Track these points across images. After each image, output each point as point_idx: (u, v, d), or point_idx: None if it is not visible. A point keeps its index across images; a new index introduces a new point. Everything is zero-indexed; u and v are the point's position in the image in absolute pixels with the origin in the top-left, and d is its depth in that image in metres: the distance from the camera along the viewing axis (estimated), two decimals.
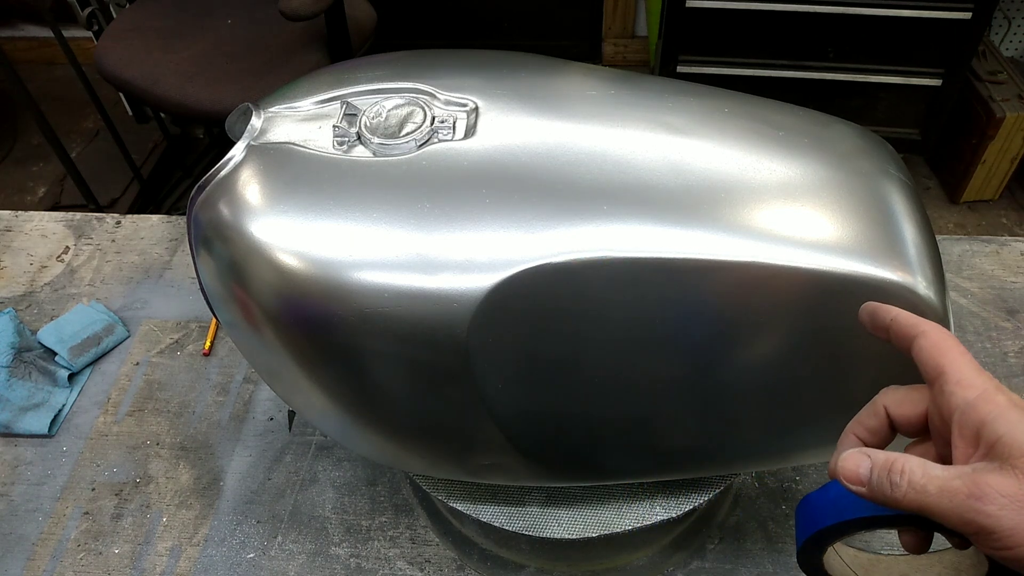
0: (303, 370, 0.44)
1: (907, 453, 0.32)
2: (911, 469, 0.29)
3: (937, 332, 0.33)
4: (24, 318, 0.78)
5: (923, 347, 0.33)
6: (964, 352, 0.32)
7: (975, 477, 0.28)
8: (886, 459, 0.30)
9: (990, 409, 0.29)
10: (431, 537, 0.62)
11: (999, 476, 0.27)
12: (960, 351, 0.32)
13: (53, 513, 0.64)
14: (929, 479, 0.29)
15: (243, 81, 1.41)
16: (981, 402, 0.30)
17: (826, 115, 0.49)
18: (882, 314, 0.36)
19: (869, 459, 0.30)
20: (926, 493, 0.29)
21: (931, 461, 0.30)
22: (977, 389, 0.30)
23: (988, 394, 0.30)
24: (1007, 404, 0.29)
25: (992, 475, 0.28)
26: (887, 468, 0.30)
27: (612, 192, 0.41)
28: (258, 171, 0.42)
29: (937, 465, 0.29)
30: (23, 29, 2.43)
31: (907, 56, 1.77)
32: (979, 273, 0.80)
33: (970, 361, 0.32)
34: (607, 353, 0.42)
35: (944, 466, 0.29)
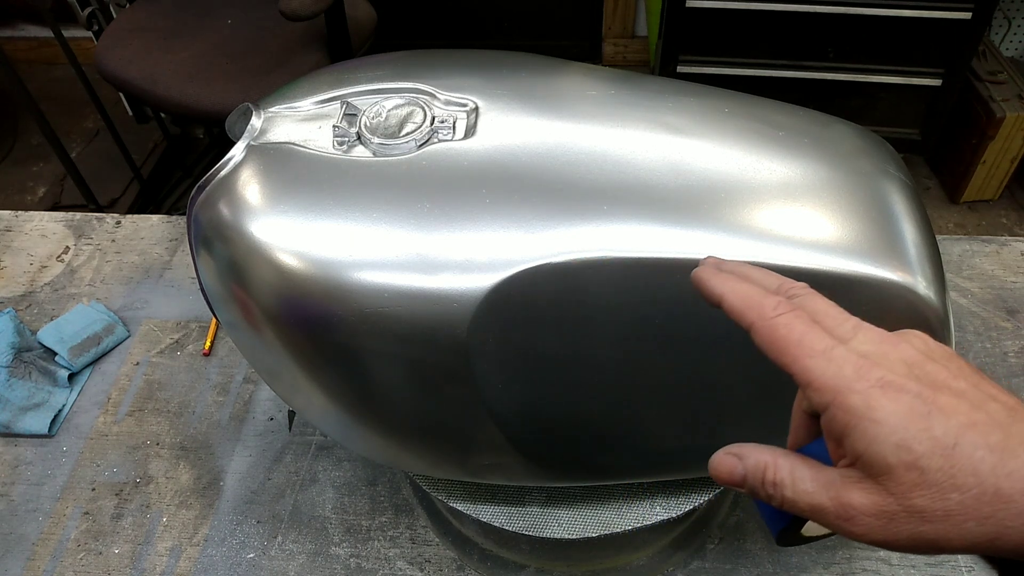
0: (303, 370, 0.44)
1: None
2: (782, 481, 0.28)
3: (764, 325, 0.29)
4: (24, 318, 0.78)
5: (759, 345, 0.29)
6: (802, 335, 0.28)
7: (840, 496, 0.27)
8: (756, 465, 0.29)
9: (847, 420, 0.26)
10: (431, 537, 0.62)
11: (863, 494, 0.26)
12: (796, 340, 0.28)
13: (53, 513, 0.64)
14: (798, 495, 0.28)
15: (243, 81, 1.41)
16: (836, 411, 0.27)
17: (826, 115, 0.49)
18: (708, 295, 0.32)
19: (741, 463, 0.29)
20: (799, 509, 0.28)
21: (802, 464, 0.28)
22: (829, 392, 0.27)
23: (840, 398, 0.27)
24: (863, 410, 0.26)
25: (856, 492, 0.26)
26: (759, 477, 0.29)
27: (612, 192, 0.41)
28: (258, 171, 0.42)
29: (807, 472, 0.28)
30: (23, 29, 2.42)
31: (907, 56, 1.77)
32: (979, 273, 0.80)
33: (812, 345, 0.28)
34: (607, 353, 0.42)
35: (814, 471, 0.28)
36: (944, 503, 0.25)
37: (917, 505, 0.26)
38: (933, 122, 1.86)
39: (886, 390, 0.26)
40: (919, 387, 0.26)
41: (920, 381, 0.27)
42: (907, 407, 0.26)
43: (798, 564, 0.60)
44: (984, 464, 0.25)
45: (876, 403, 0.26)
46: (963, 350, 0.74)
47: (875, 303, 0.40)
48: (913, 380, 0.27)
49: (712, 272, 0.32)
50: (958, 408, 0.26)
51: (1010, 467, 0.25)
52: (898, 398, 0.26)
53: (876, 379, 0.27)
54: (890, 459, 0.26)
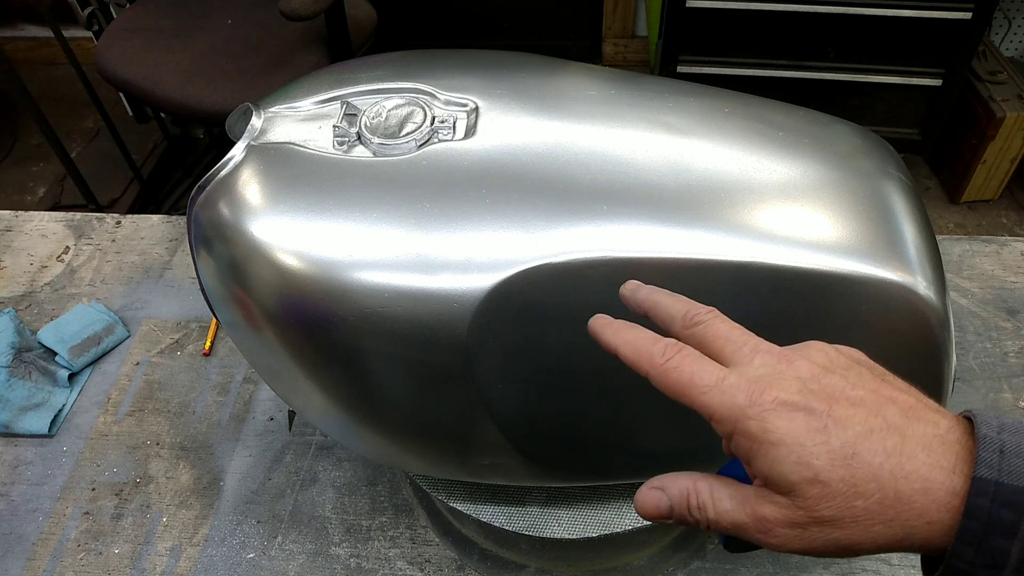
0: (303, 370, 0.44)
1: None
2: (704, 504, 0.29)
3: (657, 373, 0.30)
4: (24, 318, 0.78)
5: (660, 389, 0.30)
6: (692, 373, 0.29)
7: (756, 511, 0.28)
8: (679, 494, 0.30)
9: (748, 446, 0.28)
10: (431, 537, 0.62)
11: (775, 509, 0.28)
12: (686, 380, 0.29)
13: (53, 513, 0.64)
14: (720, 515, 0.29)
15: (243, 81, 1.41)
16: (738, 439, 0.28)
17: (826, 115, 0.49)
18: (603, 344, 0.33)
19: (665, 495, 0.30)
20: (723, 528, 0.29)
21: (721, 485, 0.29)
22: (728, 422, 0.28)
23: (739, 426, 0.28)
24: (760, 434, 0.27)
25: (769, 507, 0.28)
26: (684, 504, 0.30)
27: (612, 192, 0.41)
28: (258, 171, 0.42)
29: (726, 492, 0.29)
30: (23, 29, 2.42)
31: (907, 56, 1.77)
32: (979, 273, 0.80)
33: (703, 380, 0.29)
34: (607, 353, 0.42)
35: (732, 490, 0.29)
36: (850, 510, 0.26)
37: (825, 516, 0.27)
38: (933, 122, 1.86)
39: (780, 410, 0.27)
40: (814, 402, 0.27)
41: (815, 395, 0.28)
42: (802, 424, 0.27)
43: (798, 564, 0.60)
44: (883, 470, 0.26)
45: (771, 425, 0.27)
46: (963, 350, 0.74)
47: (875, 303, 0.40)
48: (807, 396, 0.28)
49: (604, 325, 0.33)
50: (854, 417, 0.27)
51: (907, 469, 0.26)
52: (792, 416, 0.27)
53: (769, 401, 0.27)
54: (792, 477, 0.27)
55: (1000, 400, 0.70)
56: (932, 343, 0.42)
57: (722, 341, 0.31)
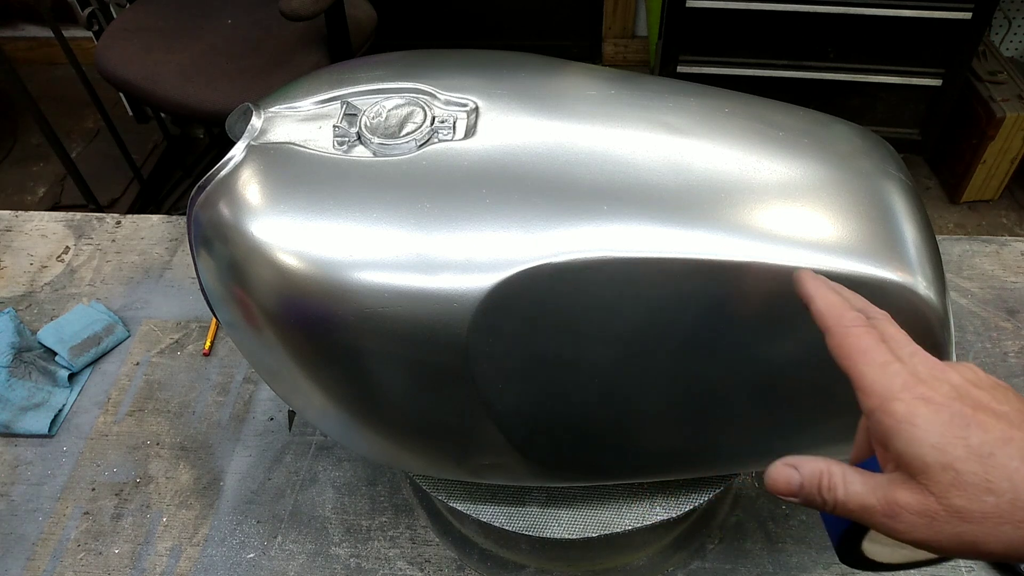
0: (303, 370, 0.44)
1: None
2: (835, 485, 0.30)
3: (839, 331, 0.32)
4: (24, 318, 0.78)
5: (830, 348, 0.32)
6: (868, 347, 0.31)
7: (887, 495, 0.29)
8: (812, 473, 0.31)
9: (889, 424, 0.29)
10: (431, 537, 0.62)
11: (907, 493, 0.29)
12: (862, 349, 0.31)
13: (53, 513, 0.64)
14: (849, 496, 0.30)
15: (243, 81, 1.41)
16: (881, 415, 0.30)
17: (826, 115, 0.49)
18: (801, 294, 0.35)
19: (798, 472, 0.31)
20: (849, 510, 0.30)
21: (853, 471, 0.30)
22: (876, 398, 0.30)
23: (886, 404, 0.29)
24: (904, 415, 0.29)
25: (901, 491, 0.29)
26: (816, 483, 0.31)
27: (612, 192, 0.41)
28: (258, 171, 0.42)
29: (858, 477, 0.30)
30: (23, 29, 2.42)
31: (907, 56, 1.77)
32: (979, 273, 0.80)
33: (874, 357, 0.31)
34: (607, 353, 0.42)
35: (864, 476, 0.30)
36: (981, 505, 0.27)
37: (955, 505, 0.27)
38: (933, 122, 1.86)
39: (928, 403, 0.29)
40: (960, 406, 0.29)
41: (962, 402, 0.29)
42: (946, 418, 0.28)
43: (798, 564, 0.60)
44: (1019, 473, 0.27)
45: (916, 411, 0.29)
46: (963, 350, 0.74)
47: (875, 303, 0.40)
48: (955, 400, 0.29)
49: (811, 275, 0.36)
50: (996, 426, 0.28)
51: None
52: (938, 410, 0.29)
53: (920, 394, 0.29)
54: (927, 458, 0.28)
55: None
56: (932, 343, 0.42)
57: (888, 337, 0.32)
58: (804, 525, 0.62)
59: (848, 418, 0.46)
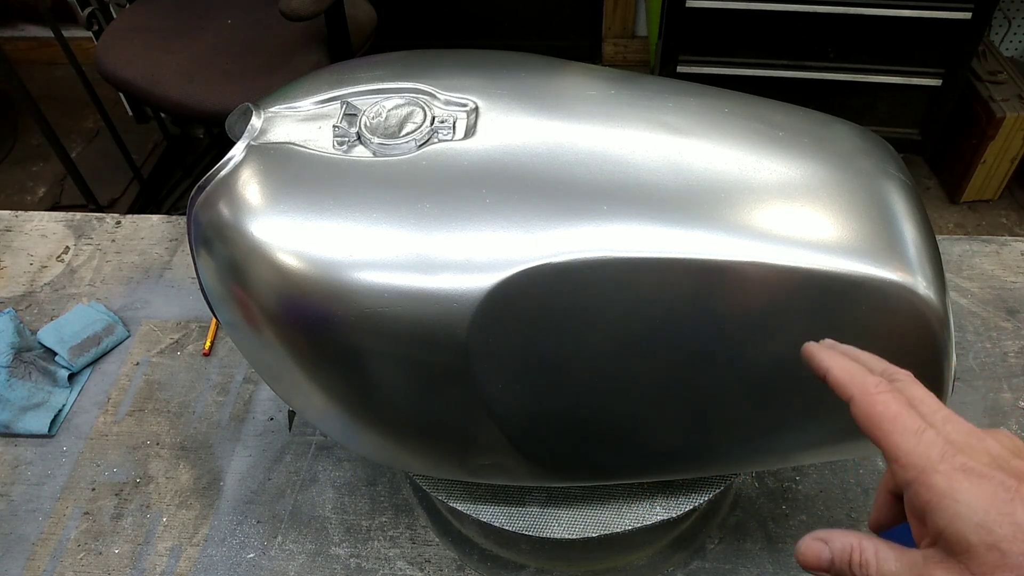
0: (303, 370, 0.44)
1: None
2: (867, 562, 0.29)
3: (864, 399, 0.31)
4: (24, 318, 0.78)
5: (856, 416, 0.31)
6: (897, 414, 0.30)
7: (924, 573, 0.28)
8: (842, 548, 0.30)
9: (929, 498, 0.28)
10: (431, 537, 0.62)
11: (945, 573, 0.27)
12: (891, 416, 0.30)
13: (53, 513, 0.64)
14: (883, 574, 0.29)
15: (243, 81, 1.41)
16: (919, 488, 0.28)
17: (826, 115, 0.49)
18: (815, 367, 0.34)
19: (827, 547, 0.31)
20: None
21: (886, 547, 0.30)
22: (913, 470, 0.28)
23: (924, 477, 0.28)
24: (946, 489, 0.27)
25: (939, 571, 0.27)
26: (846, 560, 0.30)
27: (612, 192, 0.41)
28: (258, 171, 0.42)
29: (891, 554, 0.29)
30: (23, 29, 2.42)
31: (907, 56, 1.77)
32: (979, 273, 0.80)
33: (905, 424, 0.29)
34: (607, 353, 0.42)
35: (898, 553, 0.29)
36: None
37: None
38: (933, 122, 1.86)
39: (969, 475, 0.27)
40: (1002, 476, 0.27)
41: (1004, 472, 0.28)
42: (989, 493, 0.27)
43: (798, 564, 0.60)
44: None
45: (958, 485, 0.27)
46: (963, 350, 0.74)
47: (875, 303, 0.40)
48: (997, 470, 0.28)
49: (821, 348, 0.35)
50: None
51: None
52: (980, 483, 0.27)
53: (960, 464, 0.28)
54: (971, 538, 0.27)
55: (1000, 400, 0.70)
56: (932, 343, 0.42)
57: (917, 401, 0.31)
58: (804, 525, 0.62)
59: (849, 417, 0.47)
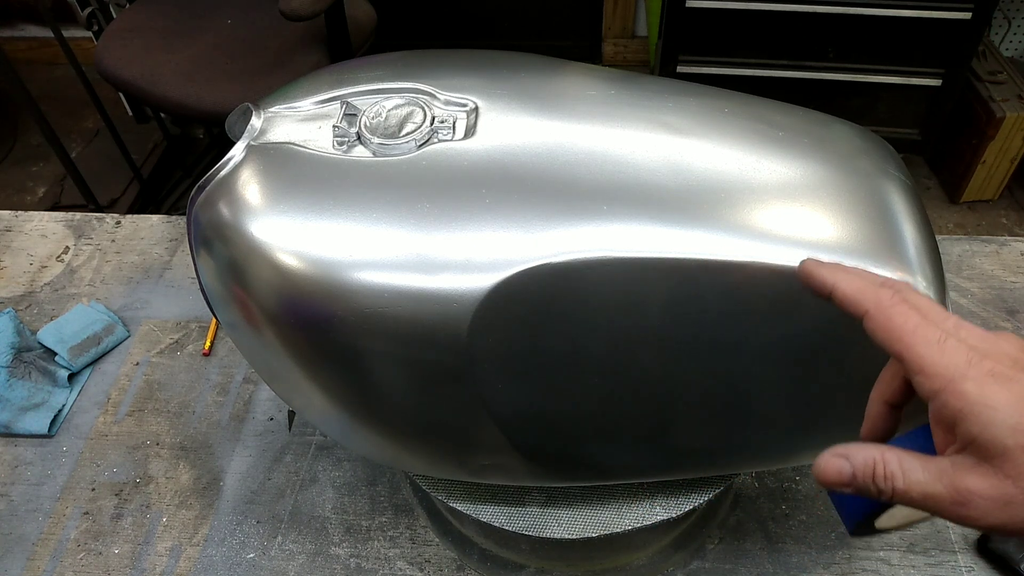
0: (303, 370, 0.44)
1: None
2: (892, 473, 0.29)
3: (881, 312, 0.30)
4: (24, 318, 0.78)
5: (872, 331, 0.30)
6: (917, 325, 0.29)
7: (955, 481, 0.27)
8: (865, 462, 0.29)
9: (960, 406, 0.27)
10: (431, 537, 0.62)
11: (978, 478, 0.27)
12: (911, 328, 0.29)
13: (53, 513, 0.64)
14: (911, 485, 0.28)
15: (243, 81, 1.41)
16: (949, 397, 0.28)
17: (826, 115, 0.49)
18: (819, 283, 0.33)
19: (848, 462, 0.30)
20: (911, 499, 0.28)
21: (909, 456, 0.29)
22: (941, 379, 0.28)
23: (954, 385, 0.28)
24: (978, 396, 0.27)
25: (971, 477, 0.27)
26: (869, 473, 0.29)
27: (612, 192, 0.41)
28: (258, 171, 0.42)
29: (917, 463, 0.29)
30: (23, 29, 2.42)
31: (907, 56, 1.77)
32: (979, 273, 0.80)
33: (926, 335, 0.29)
34: (607, 353, 0.42)
35: (923, 462, 0.29)
36: None
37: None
38: (933, 122, 1.86)
39: (998, 379, 0.27)
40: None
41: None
42: (1019, 394, 0.27)
43: (798, 564, 0.60)
44: None
45: (989, 390, 0.27)
46: None
47: None
48: (1021, 371, 0.28)
49: (819, 264, 0.33)
50: None
51: None
52: (1010, 387, 0.27)
53: (988, 369, 0.27)
54: (1007, 441, 0.26)
55: None
56: None
57: (925, 311, 0.30)
58: (804, 525, 0.62)
59: (849, 417, 0.47)
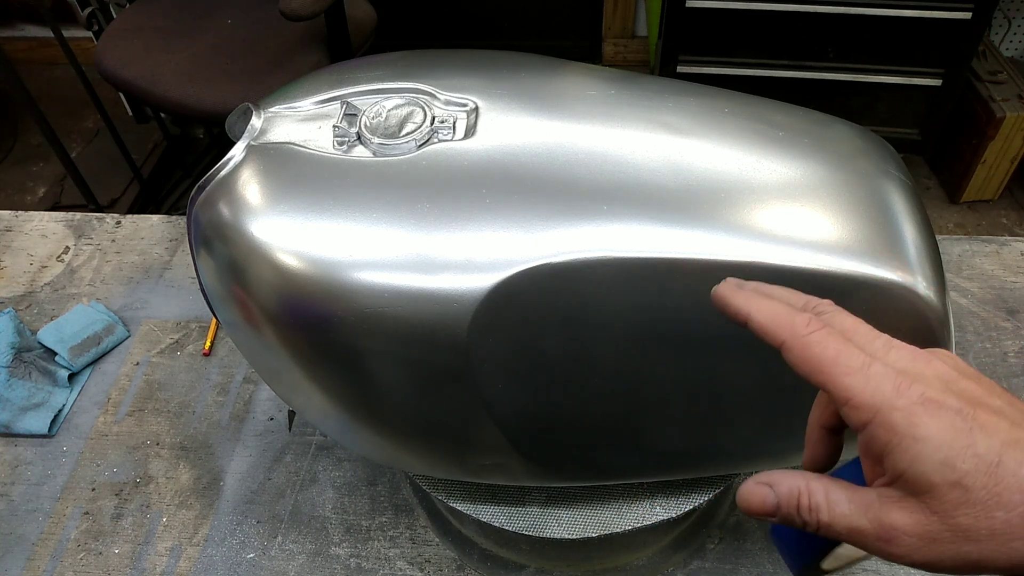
0: (303, 370, 0.44)
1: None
2: (817, 505, 0.28)
3: (797, 343, 0.28)
4: (24, 318, 0.78)
5: (792, 364, 0.29)
6: (837, 353, 0.27)
7: (880, 517, 0.26)
8: (789, 492, 0.28)
9: (888, 439, 0.26)
10: (431, 537, 0.62)
11: (904, 514, 0.26)
12: (831, 357, 0.27)
13: (53, 513, 0.64)
14: (835, 518, 0.27)
15: (243, 81, 1.41)
16: (877, 429, 0.26)
17: (826, 115, 0.49)
18: (732, 314, 0.31)
19: (773, 491, 0.29)
20: (836, 532, 0.28)
21: (836, 487, 0.28)
22: (868, 410, 0.26)
23: (882, 417, 0.26)
24: (906, 428, 0.26)
25: (897, 512, 0.26)
26: (794, 504, 0.28)
27: (612, 192, 0.41)
28: (258, 171, 0.42)
29: (843, 495, 0.27)
30: (23, 29, 2.43)
31: (907, 56, 1.77)
32: (979, 273, 0.80)
33: (848, 363, 0.27)
34: (607, 353, 0.42)
35: (849, 493, 0.27)
36: (989, 522, 0.25)
37: (961, 524, 0.25)
38: (933, 122, 1.86)
39: (927, 406, 0.26)
40: (959, 403, 0.26)
41: (959, 397, 0.26)
42: (949, 424, 0.26)
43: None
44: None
45: (918, 420, 0.26)
46: (963, 350, 0.74)
47: (875, 304, 0.40)
48: (952, 396, 0.26)
49: (734, 290, 0.32)
50: (999, 425, 0.26)
51: None
52: (940, 415, 0.26)
53: (917, 395, 0.26)
54: (934, 477, 0.25)
55: None
56: (932, 343, 0.42)
57: (851, 332, 0.29)
58: None
59: None
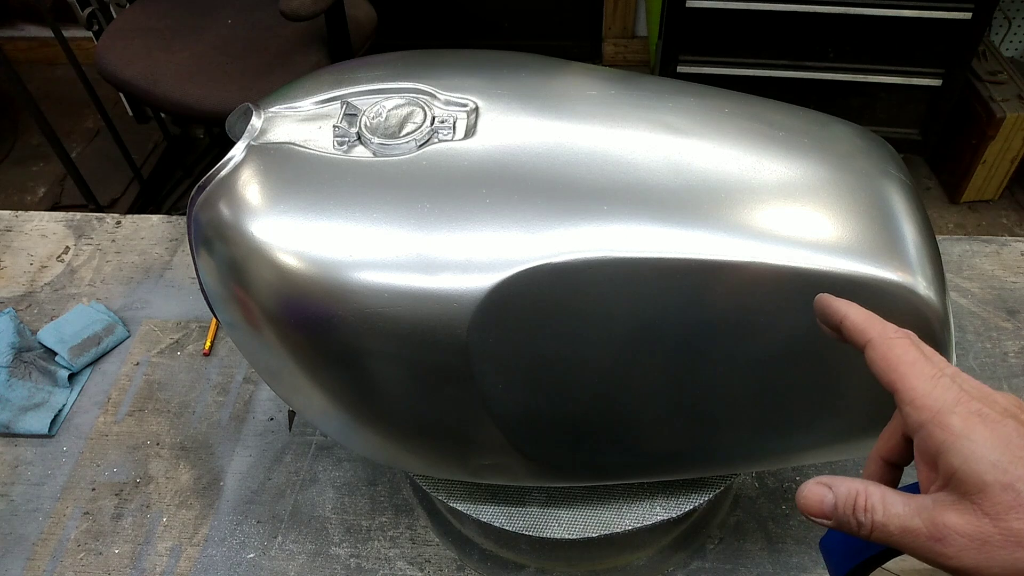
0: (303, 370, 0.44)
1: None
2: (873, 506, 0.29)
3: (883, 342, 0.31)
4: (24, 318, 0.78)
5: (872, 360, 0.31)
6: (915, 359, 0.30)
7: (934, 517, 0.27)
8: (848, 493, 0.29)
9: (944, 438, 0.27)
10: (431, 537, 0.62)
11: (957, 515, 0.27)
12: (909, 361, 0.30)
13: (53, 513, 0.64)
14: (890, 518, 0.28)
15: (243, 81, 1.41)
16: (934, 428, 0.28)
17: (826, 115, 0.49)
18: (831, 313, 0.34)
19: (831, 492, 0.30)
20: (889, 533, 0.28)
21: (893, 492, 0.29)
22: (929, 411, 0.28)
23: (940, 417, 0.28)
24: (961, 429, 0.27)
25: (950, 513, 0.27)
26: (851, 504, 0.29)
27: (612, 192, 0.41)
28: (258, 171, 0.42)
29: (898, 498, 0.28)
30: (23, 29, 2.43)
31: (907, 56, 1.77)
32: (979, 273, 0.80)
33: (922, 369, 0.29)
34: (607, 353, 0.42)
35: (905, 498, 0.28)
36: None
37: (1013, 528, 0.26)
38: (933, 122, 1.86)
39: (984, 419, 0.27)
40: (1016, 424, 0.27)
41: (1016, 420, 0.28)
42: (1004, 436, 0.27)
43: (798, 564, 0.60)
44: None
45: (973, 426, 0.27)
46: (963, 350, 0.74)
47: (875, 304, 0.40)
48: (1010, 418, 0.27)
49: (834, 297, 0.34)
50: None
51: None
52: (995, 428, 0.27)
53: (975, 409, 0.28)
54: (986, 477, 0.26)
55: None
56: (932, 343, 0.41)
57: (929, 354, 0.31)
58: (804, 525, 0.62)
59: (849, 417, 0.47)
